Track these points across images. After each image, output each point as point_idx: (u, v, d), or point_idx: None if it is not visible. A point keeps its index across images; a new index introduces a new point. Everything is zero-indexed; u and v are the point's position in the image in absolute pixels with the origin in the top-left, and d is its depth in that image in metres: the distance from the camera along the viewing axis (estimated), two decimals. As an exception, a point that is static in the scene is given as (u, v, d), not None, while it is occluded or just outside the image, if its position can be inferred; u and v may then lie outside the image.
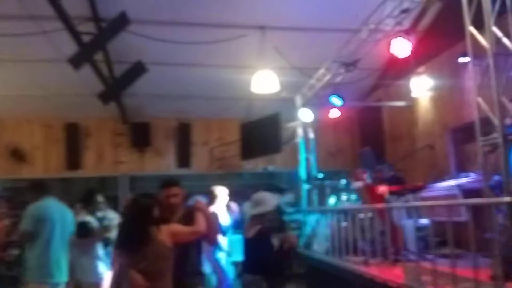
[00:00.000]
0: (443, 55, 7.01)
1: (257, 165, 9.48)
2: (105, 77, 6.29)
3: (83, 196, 5.13)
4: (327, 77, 6.55)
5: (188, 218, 3.18)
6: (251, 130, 8.39)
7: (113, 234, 4.47)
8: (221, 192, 5.86)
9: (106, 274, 4.60)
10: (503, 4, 3.13)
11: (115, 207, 6.11)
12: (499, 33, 2.96)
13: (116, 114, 8.48)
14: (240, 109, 8.92)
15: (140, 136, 9.05)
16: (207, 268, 5.47)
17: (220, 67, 7.63)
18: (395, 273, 3.86)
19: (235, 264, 7.98)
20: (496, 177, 3.17)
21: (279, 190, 9.24)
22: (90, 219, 4.80)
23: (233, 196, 6.27)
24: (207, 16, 6.53)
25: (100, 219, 4.81)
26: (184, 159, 9.17)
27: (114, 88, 6.22)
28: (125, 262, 2.85)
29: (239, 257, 5.17)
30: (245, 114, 8.91)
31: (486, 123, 3.24)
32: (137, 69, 5.81)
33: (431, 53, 7.15)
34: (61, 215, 4.52)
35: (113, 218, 4.96)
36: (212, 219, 3.27)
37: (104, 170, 9.13)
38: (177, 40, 6.46)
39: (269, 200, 4.12)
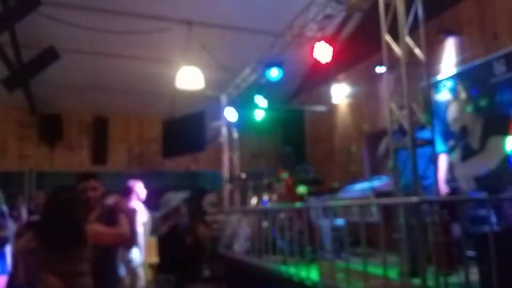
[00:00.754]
0: (361, 64, 7.41)
1: (179, 164, 9.22)
2: (11, 61, 5.70)
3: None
4: (253, 77, 6.56)
5: (108, 218, 2.92)
6: (174, 127, 8.13)
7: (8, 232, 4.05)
8: (139, 188, 5.55)
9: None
10: (416, 18, 3.35)
11: (14, 205, 5.57)
12: (411, 43, 3.13)
13: (23, 103, 7.74)
14: (163, 105, 8.61)
15: (50, 128, 8.33)
16: (121, 270, 5.18)
17: (142, 60, 7.30)
18: (312, 272, 3.94)
19: (152, 266, 7.71)
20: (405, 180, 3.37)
21: (201, 191, 9.13)
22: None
23: (153, 197, 6.00)
24: (130, 5, 6.21)
25: None
26: (99, 155, 8.63)
27: (21, 74, 5.64)
28: (38, 263, 2.55)
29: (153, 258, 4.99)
30: (167, 111, 8.62)
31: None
32: (49, 55, 5.32)
33: (351, 62, 7.53)
34: None
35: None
36: (134, 221, 3.08)
37: (8, 165, 8.26)
38: (95, 27, 6.05)
39: (173, 199, 4.09)
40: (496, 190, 4.15)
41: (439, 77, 5.50)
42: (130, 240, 3.05)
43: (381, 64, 6.53)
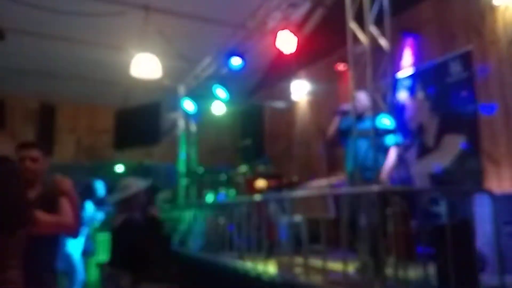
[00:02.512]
0: (322, 61, 7.44)
1: (132, 157, 8.83)
2: None
3: None
4: (213, 68, 6.37)
5: (47, 201, 2.45)
6: (127, 118, 7.75)
7: None
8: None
9: None
10: (380, 12, 3.33)
11: None
12: (375, 32, 3.09)
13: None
14: (116, 95, 8.18)
15: (-8, 115, 7.70)
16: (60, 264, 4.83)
17: (94, 45, 6.89)
18: (269, 267, 3.84)
19: (100, 265, 7.31)
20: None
21: (154, 189, 8.77)
22: None
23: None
24: (84, -16, 5.84)
25: None
26: (45, 146, 8.06)
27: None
28: None
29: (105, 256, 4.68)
30: (121, 101, 8.21)
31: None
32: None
33: (312, 59, 7.53)
34: None
35: None
36: (79, 206, 2.66)
37: None
38: (45, 6, 5.61)
39: (134, 184, 3.67)
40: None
41: (398, 75, 5.58)
42: (73, 230, 2.59)
43: (342, 61, 6.65)
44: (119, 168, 8.53)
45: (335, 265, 3.42)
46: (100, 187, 5.26)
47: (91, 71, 7.45)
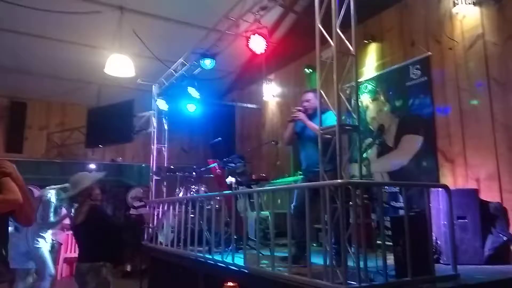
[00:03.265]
0: (291, 65, 7.71)
1: (104, 156, 8.82)
2: None
3: None
4: (185, 68, 6.50)
5: None
6: (100, 116, 7.74)
7: None
8: None
9: None
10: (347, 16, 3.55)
11: None
12: (342, 35, 3.31)
13: None
14: (89, 94, 8.19)
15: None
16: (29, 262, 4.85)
17: (68, 44, 6.91)
18: (237, 259, 3.98)
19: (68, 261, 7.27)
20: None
21: (126, 186, 8.81)
22: None
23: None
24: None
25: None
26: (14, 142, 7.96)
27: None
28: None
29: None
30: (94, 100, 8.22)
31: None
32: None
33: (282, 63, 7.80)
34: None
35: None
36: (26, 188, 2.59)
37: None
38: (20, 2, 5.61)
39: (84, 179, 3.70)
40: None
41: (361, 78, 5.88)
42: (22, 209, 2.42)
43: (309, 67, 6.93)
44: (91, 167, 8.50)
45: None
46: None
47: (65, 69, 7.44)
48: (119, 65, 6.38)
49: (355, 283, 2.72)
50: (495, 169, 4.26)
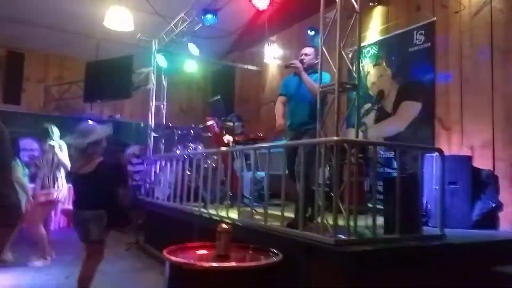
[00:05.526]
0: (294, 26, 7.57)
1: (102, 112, 8.81)
2: None
3: None
4: (186, 24, 6.39)
5: None
6: (98, 70, 7.67)
7: None
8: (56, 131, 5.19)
9: None
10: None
11: None
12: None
13: None
14: (88, 48, 8.08)
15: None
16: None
17: (67, -6, 6.75)
18: (231, 213, 4.07)
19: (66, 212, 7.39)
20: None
21: (123, 144, 8.82)
22: None
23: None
24: None
25: None
26: (12, 94, 7.92)
27: None
28: None
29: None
30: (93, 54, 8.12)
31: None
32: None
33: (284, 24, 7.66)
34: None
35: None
36: None
37: None
38: None
39: (97, 130, 3.70)
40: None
41: (364, 42, 5.80)
42: None
43: (312, 29, 6.81)
44: (89, 122, 8.49)
45: (293, 215, 3.69)
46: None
47: (64, 20, 7.29)
48: (118, 18, 6.26)
49: (344, 236, 2.80)
50: (490, 137, 4.30)
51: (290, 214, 3.55)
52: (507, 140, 4.15)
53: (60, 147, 4.97)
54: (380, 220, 3.19)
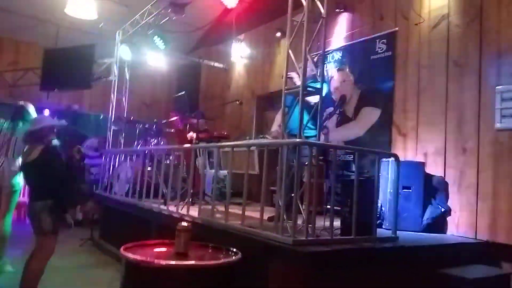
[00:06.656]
0: (262, 27, 7.62)
1: (60, 101, 8.47)
2: None
3: None
4: (152, 16, 6.26)
5: None
6: (57, 58, 7.34)
7: None
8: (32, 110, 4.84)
9: None
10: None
11: None
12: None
13: None
14: (46, 33, 7.73)
15: None
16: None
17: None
18: (192, 211, 4.05)
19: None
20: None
21: (82, 136, 8.55)
22: None
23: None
24: None
25: None
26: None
27: None
28: None
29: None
30: (51, 41, 7.78)
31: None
32: None
33: (252, 24, 7.69)
34: None
35: None
36: None
37: None
38: None
39: (45, 120, 3.70)
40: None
41: (329, 47, 5.93)
42: None
43: (280, 30, 6.89)
44: (45, 112, 8.14)
45: (254, 214, 3.72)
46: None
47: (20, 3, 6.94)
48: (81, 5, 6.05)
49: (302, 238, 2.88)
50: (443, 145, 4.52)
51: (251, 213, 3.58)
52: (457, 149, 4.38)
53: None
54: (338, 221, 3.30)
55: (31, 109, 4.65)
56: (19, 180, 4.47)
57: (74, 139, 8.47)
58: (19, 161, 4.49)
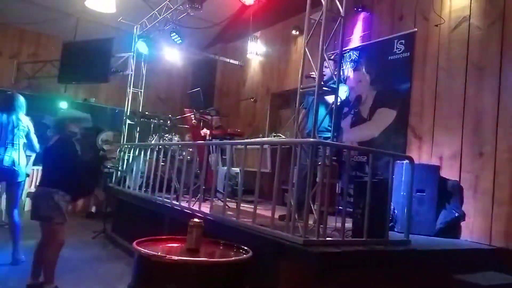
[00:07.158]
0: (279, 24, 7.59)
1: (77, 94, 8.58)
2: None
3: None
4: (170, 11, 6.29)
5: None
6: (76, 51, 7.43)
7: None
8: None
9: None
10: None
11: None
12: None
13: None
14: (66, 26, 7.83)
15: None
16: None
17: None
18: (204, 208, 4.07)
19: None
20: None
21: (97, 129, 8.65)
22: None
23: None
24: None
25: None
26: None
27: None
28: None
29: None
30: (70, 34, 7.88)
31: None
32: None
33: (268, 21, 7.67)
34: None
35: None
36: None
37: None
38: None
39: (70, 112, 3.86)
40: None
41: (346, 46, 5.87)
42: None
43: (297, 28, 6.86)
44: (63, 105, 8.27)
45: (265, 213, 3.72)
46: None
47: (41, -4, 7.05)
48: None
49: (313, 238, 2.86)
50: (459, 149, 4.45)
51: (262, 212, 3.58)
52: (474, 153, 4.31)
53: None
54: (349, 222, 3.27)
55: (21, 99, 4.66)
56: (26, 170, 4.56)
57: (90, 132, 8.63)
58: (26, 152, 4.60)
